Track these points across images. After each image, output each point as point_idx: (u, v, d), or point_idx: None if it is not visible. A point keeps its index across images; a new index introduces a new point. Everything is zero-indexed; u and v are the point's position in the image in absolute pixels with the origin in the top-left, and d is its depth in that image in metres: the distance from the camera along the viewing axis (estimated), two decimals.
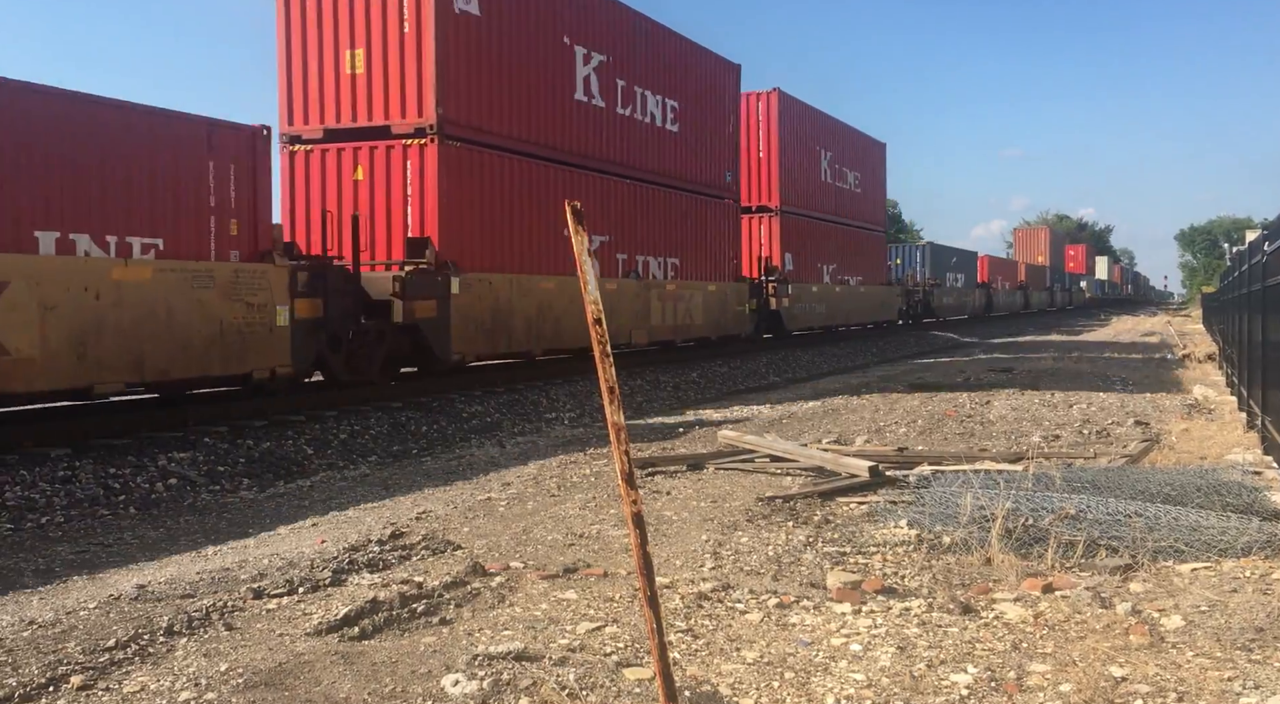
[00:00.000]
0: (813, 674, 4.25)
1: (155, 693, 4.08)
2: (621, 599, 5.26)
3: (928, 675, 4.21)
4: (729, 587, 5.44)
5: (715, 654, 4.50)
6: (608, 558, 6.12)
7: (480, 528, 7.03)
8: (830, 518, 7.12)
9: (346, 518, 7.70)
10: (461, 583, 5.51)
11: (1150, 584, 5.41)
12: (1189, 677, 4.15)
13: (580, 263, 3.44)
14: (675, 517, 7.25)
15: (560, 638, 4.67)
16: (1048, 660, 4.35)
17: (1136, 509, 6.39)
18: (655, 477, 8.90)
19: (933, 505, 6.89)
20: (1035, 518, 6.23)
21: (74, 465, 9.08)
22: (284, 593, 5.39)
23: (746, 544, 6.38)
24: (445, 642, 4.65)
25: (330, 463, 10.77)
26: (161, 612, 5.08)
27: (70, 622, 4.99)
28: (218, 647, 4.59)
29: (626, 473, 3.40)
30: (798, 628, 4.83)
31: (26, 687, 4.12)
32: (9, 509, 8.01)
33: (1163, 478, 7.28)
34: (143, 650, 4.54)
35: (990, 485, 7.08)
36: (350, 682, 4.16)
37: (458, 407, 14.02)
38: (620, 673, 4.23)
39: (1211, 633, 4.64)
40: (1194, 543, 5.91)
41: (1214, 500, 6.73)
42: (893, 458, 9.20)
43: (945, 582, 5.51)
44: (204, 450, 10.16)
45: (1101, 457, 9.40)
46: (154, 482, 9.18)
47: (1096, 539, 5.95)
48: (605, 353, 3.41)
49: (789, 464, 9.07)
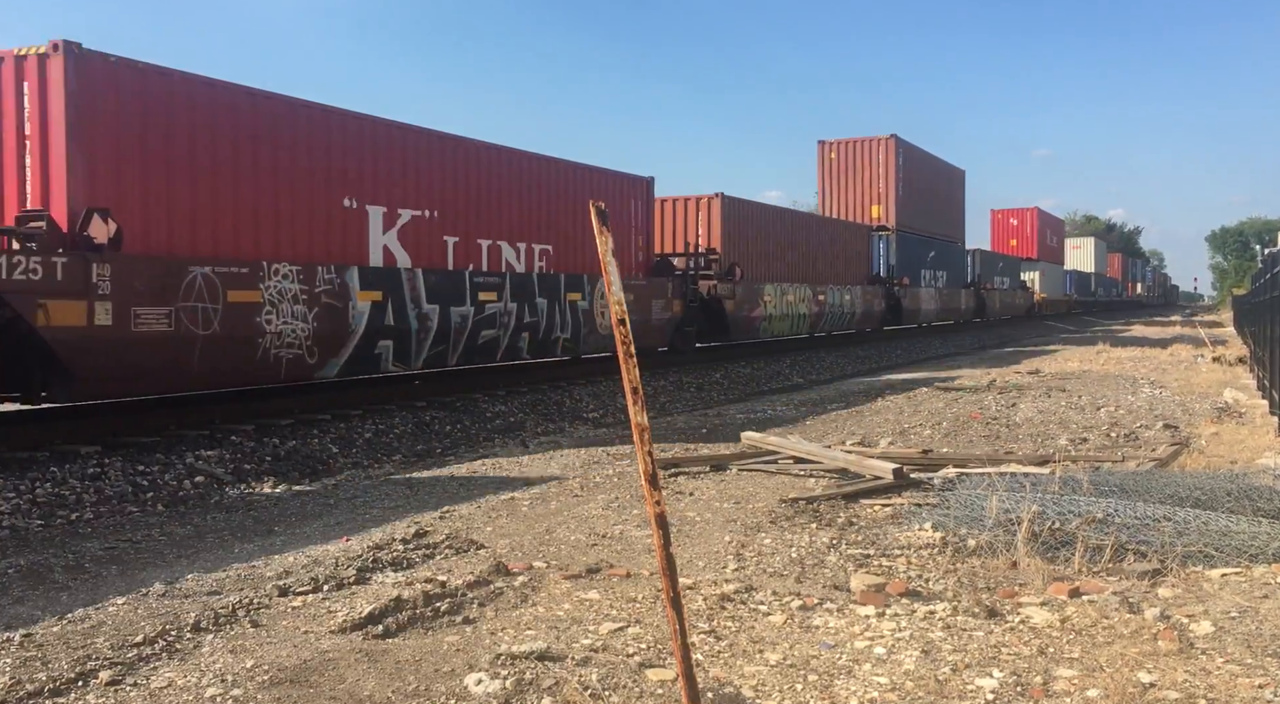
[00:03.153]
0: (836, 677, 4.23)
1: (182, 689, 4.11)
2: (644, 600, 5.26)
3: (952, 679, 4.17)
4: (752, 588, 5.43)
5: (738, 656, 4.48)
6: (630, 558, 6.12)
7: (503, 527, 7.05)
8: (854, 520, 7.08)
9: (371, 516, 7.75)
10: (485, 582, 5.52)
11: (1179, 589, 5.35)
12: (1219, 683, 4.10)
13: (604, 263, 3.45)
14: (698, 517, 7.24)
15: (583, 638, 4.68)
16: (1075, 665, 4.31)
17: (1165, 513, 6.31)
18: (678, 477, 8.89)
19: (958, 508, 6.83)
20: (1062, 521, 6.17)
21: (103, 463, 9.19)
22: (309, 591, 5.43)
23: (770, 546, 6.35)
24: (468, 641, 4.67)
25: (355, 461, 10.84)
26: (189, 608, 5.12)
27: (99, 617, 5.05)
28: (244, 643, 4.62)
29: (650, 473, 3.40)
30: (821, 630, 4.81)
31: (56, 681, 4.17)
32: (40, 505, 8.12)
33: (1192, 482, 7.18)
34: (170, 646, 4.59)
35: (1016, 488, 7.02)
36: (374, 679, 4.18)
37: (481, 406, 14.07)
38: (643, 674, 4.23)
39: (1242, 639, 4.57)
40: (1224, 548, 5.83)
41: (1244, 505, 6.64)
42: (917, 460, 9.14)
43: (970, 585, 5.47)
44: (231, 449, 10.25)
45: (1130, 460, 9.30)
46: (182, 479, 9.27)
47: (1124, 543, 5.89)
48: (629, 353, 3.41)
49: (812, 466, 9.04)
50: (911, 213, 35.34)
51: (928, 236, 37.31)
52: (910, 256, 35.06)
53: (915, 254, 35.60)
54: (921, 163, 37.21)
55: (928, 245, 37.05)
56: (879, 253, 32.75)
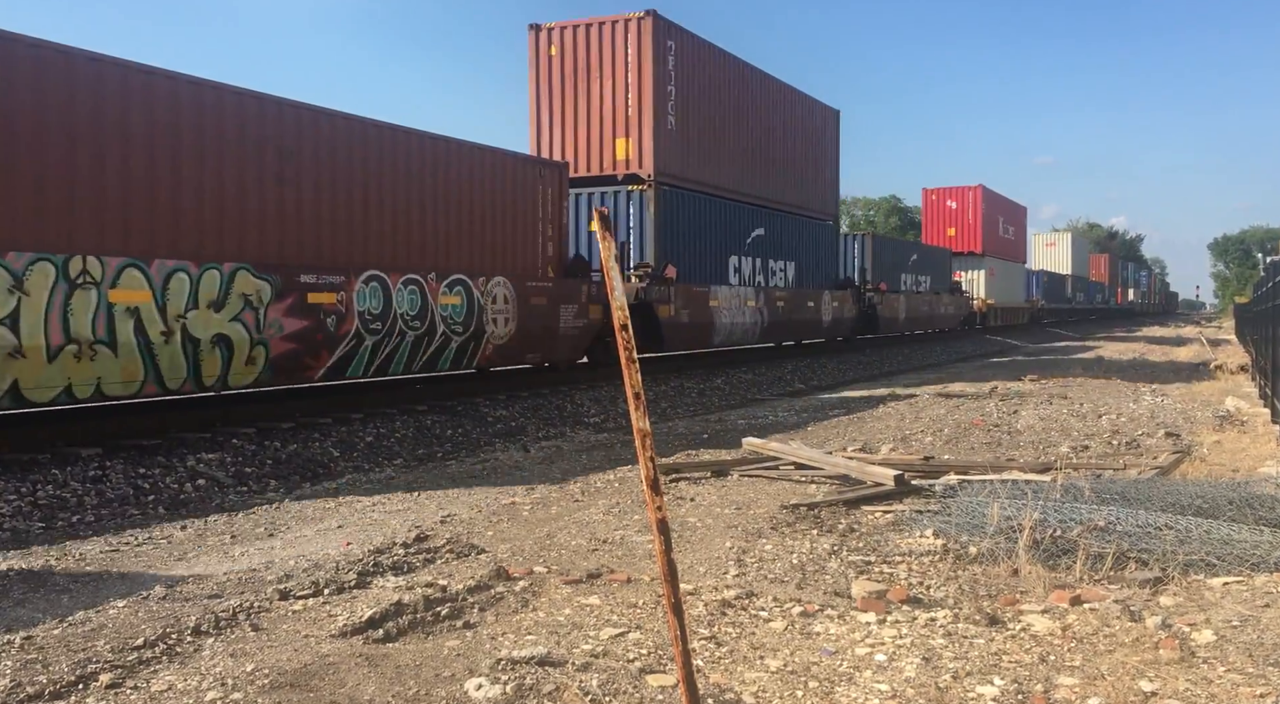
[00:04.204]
0: (837, 684, 4.22)
1: (182, 692, 4.11)
2: (645, 605, 5.25)
3: (953, 687, 4.17)
4: (753, 594, 5.42)
5: (739, 662, 4.48)
6: (631, 564, 6.11)
7: (504, 532, 7.04)
8: (855, 526, 7.08)
9: (372, 520, 7.74)
10: (485, 587, 5.52)
11: (1181, 598, 5.34)
12: (1220, 692, 4.09)
13: (607, 269, 3.45)
14: (699, 523, 7.23)
15: (583, 643, 4.67)
16: (1076, 674, 4.30)
17: (1167, 521, 6.30)
18: (679, 482, 8.89)
19: (959, 515, 6.82)
20: (1064, 529, 6.16)
21: (105, 465, 9.20)
22: (309, 594, 5.42)
23: (771, 552, 6.35)
24: (469, 645, 4.66)
25: (356, 465, 10.84)
26: (189, 611, 5.12)
27: (100, 620, 5.05)
28: (244, 647, 4.62)
29: (651, 478, 3.40)
30: (822, 637, 4.80)
31: (57, 684, 4.17)
32: (41, 508, 8.12)
33: (1194, 490, 7.18)
34: (170, 650, 4.59)
35: (1018, 495, 7.01)
36: (374, 684, 4.17)
37: (482, 411, 14.07)
38: (643, 679, 4.22)
39: (1244, 648, 4.56)
40: (1226, 556, 5.82)
41: (1246, 513, 6.63)
42: (919, 466, 9.13)
43: (972, 592, 5.46)
44: (232, 452, 10.25)
45: (1131, 468, 9.29)
46: (183, 482, 9.28)
47: (1126, 551, 5.88)
48: (631, 358, 3.41)
49: (814, 472, 9.03)
50: (700, 158, 21.34)
51: (750, 205, 23.69)
52: (698, 232, 21.07)
53: (712, 230, 21.74)
54: (719, 72, 22.29)
55: (746, 217, 23.39)
56: (630, 220, 19.39)
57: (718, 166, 22.47)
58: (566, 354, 17.03)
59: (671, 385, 18.57)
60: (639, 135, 19.66)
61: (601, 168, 19.88)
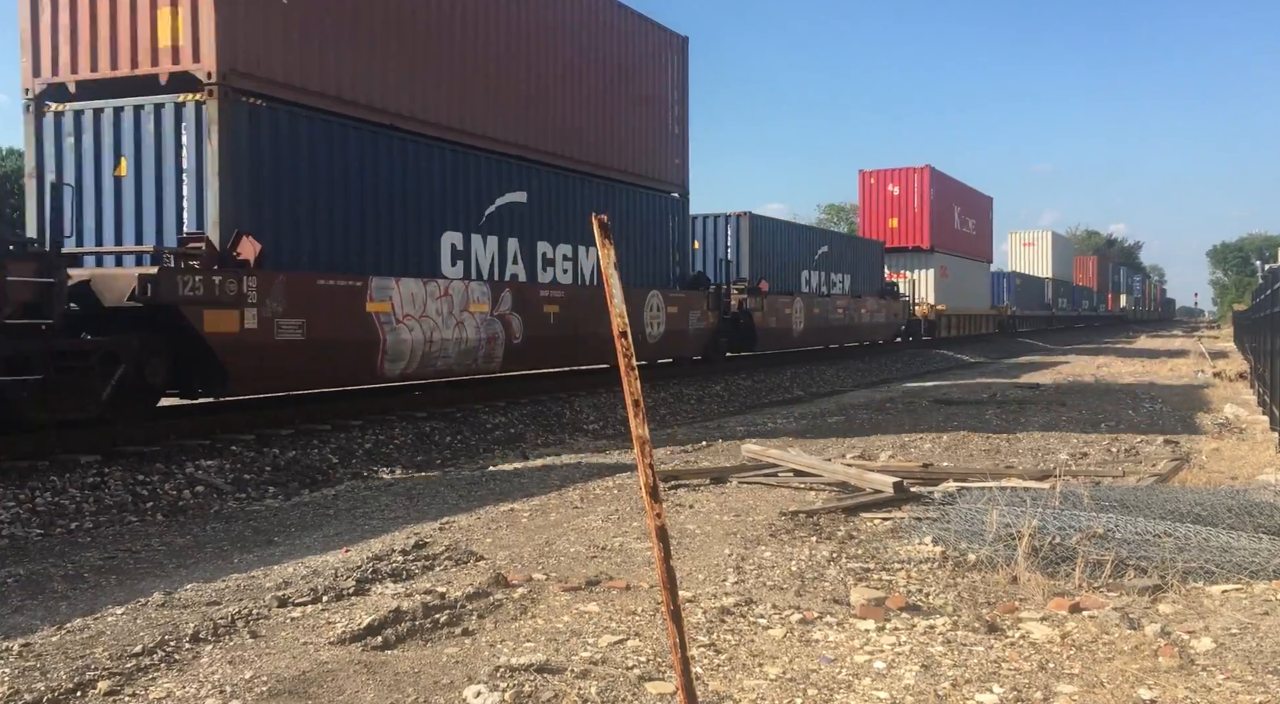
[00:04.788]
0: (836, 691, 4.22)
1: (181, 699, 4.11)
2: (644, 612, 5.25)
3: (952, 695, 4.17)
4: (752, 601, 5.42)
5: (738, 669, 4.47)
6: (630, 571, 6.11)
7: (503, 539, 7.04)
8: (854, 534, 7.08)
9: (370, 527, 7.74)
10: (484, 594, 5.51)
11: (1180, 605, 5.34)
12: (1219, 700, 4.09)
13: (607, 275, 3.46)
14: (698, 530, 7.23)
15: (582, 650, 4.67)
16: (1075, 681, 4.30)
17: (1166, 529, 6.30)
18: (678, 490, 8.89)
19: (958, 522, 6.83)
20: (1063, 536, 6.17)
21: (103, 472, 9.18)
22: (308, 601, 5.42)
23: (770, 559, 6.35)
24: (468, 652, 4.66)
25: (355, 472, 10.84)
26: (188, 618, 5.12)
27: (98, 627, 5.05)
28: (243, 654, 4.61)
29: (650, 486, 3.40)
30: (821, 644, 4.80)
31: (55, 692, 4.16)
32: (39, 514, 8.11)
33: (1193, 498, 7.18)
34: (169, 657, 4.58)
35: (1017, 503, 7.01)
36: (373, 691, 4.17)
37: (481, 418, 14.07)
38: (642, 687, 4.22)
39: (1242, 656, 4.57)
40: (1225, 564, 5.82)
41: (1245, 521, 6.63)
42: (917, 474, 9.14)
43: (970, 600, 5.46)
44: (231, 458, 10.25)
45: (1130, 475, 9.29)
46: (181, 489, 9.27)
47: (1125, 559, 5.88)
48: (630, 366, 3.42)
49: (812, 479, 9.03)
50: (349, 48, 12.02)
51: (502, 156, 14.79)
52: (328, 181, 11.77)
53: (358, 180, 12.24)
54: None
55: (484, 171, 14.43)
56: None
57: (399, 73, 12.70)
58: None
59: (670, 392, 18.58)
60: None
61: (130, 64, 10.87)
